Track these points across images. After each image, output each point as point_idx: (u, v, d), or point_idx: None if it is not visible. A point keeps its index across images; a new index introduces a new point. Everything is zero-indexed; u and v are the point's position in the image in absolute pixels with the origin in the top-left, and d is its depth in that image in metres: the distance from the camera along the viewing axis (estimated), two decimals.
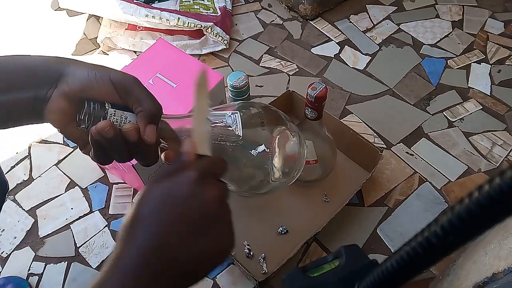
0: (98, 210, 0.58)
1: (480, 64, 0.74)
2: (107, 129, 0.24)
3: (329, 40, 0.79)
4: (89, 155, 0.27)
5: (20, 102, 0.24)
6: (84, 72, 0.25)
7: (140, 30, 0.76)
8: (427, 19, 0.82)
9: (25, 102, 0.24)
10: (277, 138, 0.32)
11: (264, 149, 0.32)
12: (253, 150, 0.31)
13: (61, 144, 0.66)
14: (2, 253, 0.55)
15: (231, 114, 0.30)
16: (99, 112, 0.25)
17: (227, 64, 0.75)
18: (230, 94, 0.57)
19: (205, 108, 0.26)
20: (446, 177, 0.60)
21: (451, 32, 0.79)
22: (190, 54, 0.70)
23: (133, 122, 0.26)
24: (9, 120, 0.25)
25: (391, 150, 0.63)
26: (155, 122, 0.26)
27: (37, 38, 0.80)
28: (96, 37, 0.78)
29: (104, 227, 0.56)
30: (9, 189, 0.60)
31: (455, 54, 0.76)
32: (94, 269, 0.53)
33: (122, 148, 0.26)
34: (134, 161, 0.24)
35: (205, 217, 0.21)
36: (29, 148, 0.65)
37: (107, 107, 0.25)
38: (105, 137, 0.24)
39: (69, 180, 0.61)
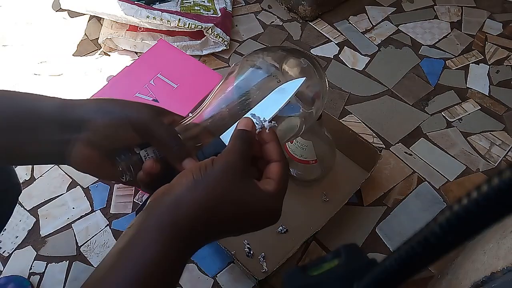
0: (100, 209, 0.58)
1: (478, 64, 0.75)
2: (154, 167, 0.25)
3: (329, 41, 0.79)
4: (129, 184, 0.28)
5: (42, 148, 0.25)
6: (105, 119, 0.25)
7: (141, 31, 0.76)
8: (426, 20, 0.82)
9: (47, 148, 0.25)
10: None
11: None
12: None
13: None
14: (3, 252, 0.55)
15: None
16: (134, 158, 0.26)
17: (228, 65, 0.76)
18: None
19: (273, 112, 0.26)
20: (444, 176, 0.60)
21: (449, 33, 0.80)
22: (191, 55, 0.71)
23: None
24: (29, 160, 0.26)
25: (390, 150, 0.63)
26: (182, 156, 0.26)
27: (38, 38, 0.81)
28: (97, 38, 0.78)
29: (105, 227, 0.56)
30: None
31: (454, 55, 0.76)
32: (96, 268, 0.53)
33: (168, 174, 0.26)
34: None
35: (239, 216, 0.23)
36: None
37: (137, 151, 0.27)
38: (153, 174, 0.25)
39: (71, 180, 0.62)
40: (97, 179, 0.61)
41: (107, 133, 0.25)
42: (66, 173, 0.62)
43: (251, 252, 0.51)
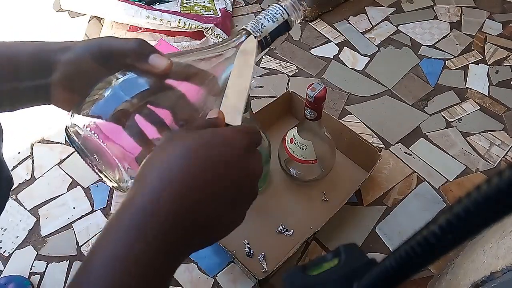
0: (100, 209, 0.58)
1: (478, 65, 0.75)
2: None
3: (329, 41, 0.79)
4: None
5: (21, 91, 0.24)
6: (67, 57, 0.24)
7: (141, 31, 0.76)
8: (426, 20, 0.83)
9: (26, 91, 0.24)
10: None
11: None
12: None
13: (63, 144, 0.66)
14: (4, 252, 0.55)
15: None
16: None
17: None
18: None
19: (248, 77, 0.25)
20: (444, 176, 0.60)
21: (449, 33, 0.80)
22: None
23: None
24: (14, 105, 0.26)
25: (389, 150, 0.64)
26: (149, 52, 0.23)
27: (38, 39, 0.81)
28: None
29: None
30: (12, 189, 0.60)
31: (453, 55, 0.76)
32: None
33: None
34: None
35: (245, 180, 0.21)
36: (31, 148, 0.66)
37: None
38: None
39: (71, 180, 0.62)
40: (98, 179, 0.61)
41: (70, 71, 0.24)
42: (66, 173, 0.63)
43: (251, 252, 0.52)
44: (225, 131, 0.21)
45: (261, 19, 0.27)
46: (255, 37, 0.26)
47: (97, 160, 0.22)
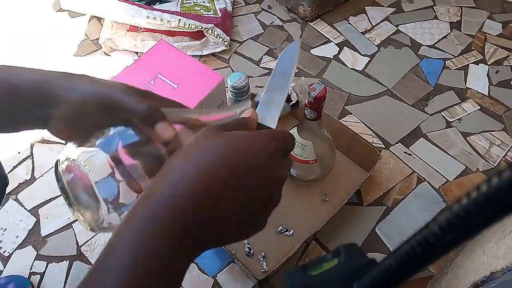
0: None
1: (478, 65, 0.75)
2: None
3: (328, 41, 0.79)
4: None
5: (20, 120, 0.25)
6: (73, 97, 0.24)
7: (141, 31, 0.76)
8: (426, 20, 0.83)
9: (29, 121, 0.25)
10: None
11: None
12: None
13: (63, 144, 0.66)
14: (4, 252, 0.55)
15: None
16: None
17: (228, 65, 0.76)
18: (230, 95, 0.57)
19: (291, 75, 0.25)
20: (444, 176, 0.60)
21: (449, 33, 0.80)
22: (191, 55, 0.71)
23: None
24: (15, 129, 0.26)
25: (389, 150, 0.64)
26: (157, 120, 0.24)
27: (39, 39, 0.81)
28: (98, 38, 0.78)
29: None
30: (12, 189, 0.61)
31: (453, 55, 0.76)
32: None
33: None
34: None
35: (267, 193, 0.21)
36: (31, 148, 0.66)
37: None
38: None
39: None
40: None
41: (74, 111, 0.24)
42: None
43: (251, 252, 0.52)
44: (253, 134, 0.21)
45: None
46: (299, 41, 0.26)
47: (77, 199, 0.23)
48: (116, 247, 0.18)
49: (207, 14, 0.77)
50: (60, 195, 0.63)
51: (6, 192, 0.60)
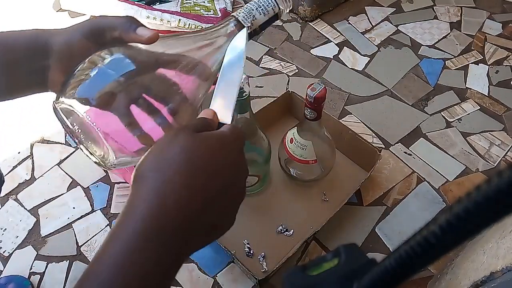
0: (100, 209, 0.58)
1: (478, 65, 0.75)
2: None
3: (328, 41, 0.79)
4: None
5: (19, 77, 0.25)
6: (60, 40, 0.24)
7: None
8: (425, 20, 0.83)
9: (23, 76, 0.25)
10: None
11: None
12: None
13: (63, 144, 0.66)
14: (4, 252, 0.55)
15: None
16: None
17: None
18: None
19: (239, 72, 0.25)
20: (444, 176, 0.60)
21: (449, 33, 0.80)
22: None
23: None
24: (13, 93, 0.26)
25: (389, 150, 0.63)
26: (136, 25, 0.24)
27: None
28: None
29: (106, 226, 0.56)
30: (12, 189, 0.61)
31: (453, 55, 0.76)
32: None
33: None
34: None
35: (238, 181, 0.21)
36: (31, 147, 0.66)
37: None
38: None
39: (71, 180, 0.62)
40: (98, 179, 0.61)
41: (64, 52, 0.24)
42: (66, 173, 0.63)
43: (251, 252, 0.52)
44: (223, 133, 0.22)
45: (253, 10, 0.27)
46: (246, 28, 0.26)
47: (82, 136, 0.23)
48: (100, 263, 0.18)
49: (207, 14, 0.77)
50: (60, 195, 0.63)
51: (6, 192, 0.60)
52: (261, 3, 0.27)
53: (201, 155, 0.20)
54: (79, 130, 0.22)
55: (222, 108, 0.24)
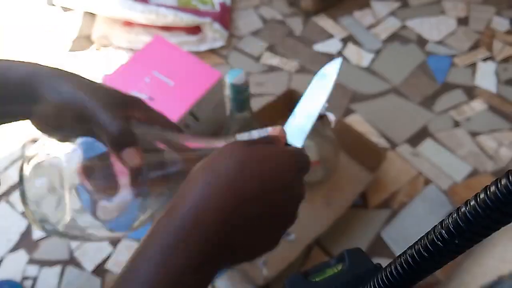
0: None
1: (486, 62, 0.73)
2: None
3: (332, 36, 0.77)
4: None
5: (6, 112, 0.26)
6: (52, 98, 0.24)
7: (136, 26, 0.74)
8: (433, 15, 0.80)
9: (11, 112, 0.26)
10: None
11: None
12: None
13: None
14: None
15: None
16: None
17: (226, 61, 0.73)
18: (229, 93, 0.55)
19: (322, 101, 0.25)
20: (451, 178, 0.59)
21: (456, 29, 0.78)
22: (188, 51, 0.68)
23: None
24: None
25: (395, 150, 0.61)
26: (126, 144, 0.23)
27: (31, 33, 0.78)
28: (91, 34, 0.76)
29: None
30: (4, 191, 0.59)
31: (461, 52, 0.74)
32: (90, 273, 0.51)
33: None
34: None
35: (289, 204, 0.21)
36: (23, 148, 0.64)
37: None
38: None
39: None
40: None
41: (52, 112, 0.24)
42: None
43: None
44: (283, 150, 0.22)
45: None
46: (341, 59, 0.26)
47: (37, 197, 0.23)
48: (139, 263, 0.18)
49: (205, 8, 0.75)
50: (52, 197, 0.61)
51: None
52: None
53: (251, 167, 0.20)
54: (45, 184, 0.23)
55: (295, 130, 0.24)
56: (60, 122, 0.24)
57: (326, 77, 0.26)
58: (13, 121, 0.26)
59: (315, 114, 0.24)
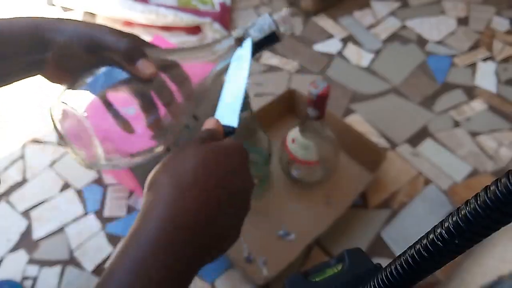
0: (93, 212, 0.56)
1: (486, 62, 0.73)
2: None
3: (332, 36, 0.77)
4: None
5: (16, 65, 0.25)
6: (61, 38, 0.25)
7: (136, 26, 0.74)
8: (432, 15, 0.80)
9: (21, 65, 0.25)
10: None
11: None
12: None
13: (55, 144, 0.64)
14: None
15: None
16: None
17: None
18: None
19: (244, 78, 0.26)
20: (451, 178, 0.58)
21: (456, 29, 0.78)
22: None
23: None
24: (9, 79, 0.26)
25: (395, 150, 0.61)
26: (137, 56, 0.24)
27: None
28: None
29: (99, 230, 0.55)
30: (3, 191, 0.59)
31: (461, 52, 0.74)
32: (90, 273, 0.51)
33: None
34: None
35: (245, 192, 0.22)
36: (23, 148, 0.64)
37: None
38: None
39: (63, 182, 0.60)
40: (91, 180, 0.59)
41: (62, 52, 0.25)
42: (58, 175, 0.61)
43: (251, 257, 0.50)
44: (231, 145, 0.23)
45: (250, 27, 0.27)
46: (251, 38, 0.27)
47: (73, 137, 0.23)
48: (119, 266, 0.18)
49: (205, 8, 0.75)
50: (52, 197, 0.61)
51: None
52: (257, 21, 0.27)
53: (208, 164, 0.21)
54: (71, 131, 0.23)
55: (228, 111, 0.25)
56: (73, 61, 0.25)
57: (242, 58, 0.26)
58: (28, 76, 0.26)
59: (241, 93, 0.25)
